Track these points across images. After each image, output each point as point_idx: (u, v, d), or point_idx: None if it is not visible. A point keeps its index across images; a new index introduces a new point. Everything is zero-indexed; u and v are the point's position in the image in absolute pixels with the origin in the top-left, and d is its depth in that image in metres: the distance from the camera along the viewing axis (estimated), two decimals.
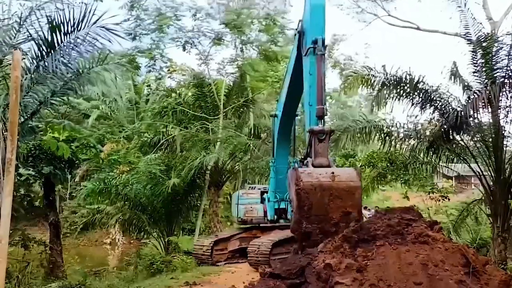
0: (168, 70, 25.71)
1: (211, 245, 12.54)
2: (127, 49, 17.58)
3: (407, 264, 6.76)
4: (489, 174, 12.57)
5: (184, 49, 19.50)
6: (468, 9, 13.18)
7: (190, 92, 22.69)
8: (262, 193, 13.35)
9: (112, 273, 16.20)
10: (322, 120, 7.22)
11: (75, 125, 12.48)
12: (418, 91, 13.30)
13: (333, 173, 6.94)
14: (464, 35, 13.01)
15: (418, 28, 22.63)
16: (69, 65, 8.21)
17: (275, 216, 12.66)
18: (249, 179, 19.61)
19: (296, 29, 8.48)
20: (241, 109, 20.71)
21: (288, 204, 12.67)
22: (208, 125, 17.86)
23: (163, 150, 18.43)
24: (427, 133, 13.96)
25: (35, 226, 19.30)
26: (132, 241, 24.15)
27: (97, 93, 22.81)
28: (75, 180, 21.18)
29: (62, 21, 8.22)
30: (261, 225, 13.00)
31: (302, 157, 7.59)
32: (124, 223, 17.11)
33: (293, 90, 10.06)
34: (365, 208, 28.56)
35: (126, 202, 15.91)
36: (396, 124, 14.37)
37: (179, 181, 14.88)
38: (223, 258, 12.57)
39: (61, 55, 8.09)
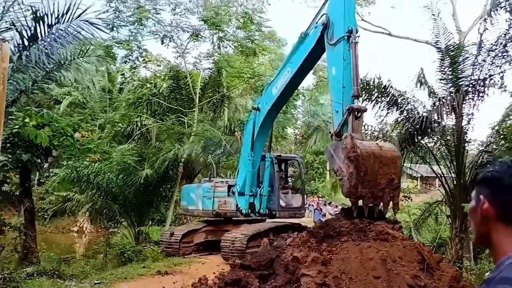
0: (143, 60, 25.54)
1: (179, 237, 12.37)
2: (104, 40, 17.45)
3: (368, 259, 7.29)
4: (450, 177, 13.16)
5: (162, 42, 19.51)
6: (441, 18, 13.88)
7: (166, 84, 22.75)
8: (229, 186, 13.06)
9: (81, 261, 16.18)
10: (357, 100, 7.99)
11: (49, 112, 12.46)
12: (385, 95, 13.92)
13: (377, 144, 7.82)
14: (434, 43, 13.63)
15: (389, 34, 23.39)
16: (51, 56, 8.26)
17: (249, 210, 12.66)
18: (221, 173, 19.90)
19: (315, 23, 9.23)
20: (217, 104, 20.97)
21: (261, 198, 12.92)
22: (184, 118, 17.99)
23: (137, 140, 18.48)
24: (394, 135, 14.58)
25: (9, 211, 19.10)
26: (99, 230, 24.05)
27: (70, 79, 22.49)
28: (44, 167, 20.91)
29: (46, 13, 8.28)
30: (233, 218, 12.91)
31: (332, 132, 8.07)
32: (95, 212, 17.11)
33: (295, 81, 10.93)
34: (330, 203, 29.45)
35: (97, 191, 15.93)
36: (365, 125, 14.94)
37: (152, 172, 15.02)
38: (189, 251, 12.41)
39: (44, 46, 8.15)
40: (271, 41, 25.94)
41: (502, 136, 9.90)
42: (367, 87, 14.27)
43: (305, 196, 17.14)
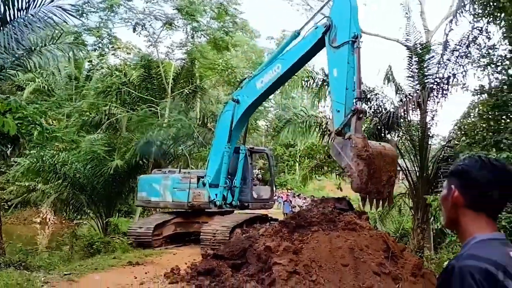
0: (113, 47, 25.00)
1: (152, 229, 11.95)
2: (74, 26, 17.00)
3: (337, 248, 7.59)
4: (414, 170, 13.66)
5: (134, 30, 19.17)
6: (410, 17, 14.31)
7: (136, 73, 22.38)
8: (198, 178, 12.72)
9: (45, 252, 15.86)
10: (361, 102, 8.52)
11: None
12: None
13: (380, 144, 8.57)
14: (405, 41, 14.04)
15: (361, 31, 23.70)
16: (21, 41, 8.04)
17: (223, 202, 12.52)
18: (192, 164, 19.86)
19: (317, 24, 9.74)
20: (189, 95, 20.85)
21: (233, 190, 12.94)
22: (156, 108, 17.81)
23: (106, 130, 18.16)
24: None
25: None
26: (64, 222, 23.50)
27: (35, 65, 21.74)
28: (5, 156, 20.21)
29: None
30: (206, 210, 12.73)
31: (332, 130, 8.69)
32: (60, 203, 16.76)
33: (284, 78, 11.20)
34: (299, 196, 29.94)
35: (64, 181, 15.58)
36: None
37: (123, 163, 14.84)
38: (158, 244, 12.09)
39: (14, 31, 7.91)
40: (244, 32, 25.89)
41: (463, 132, 10.39)
42: None
43: (274, 188, 17.44)
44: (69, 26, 15.60)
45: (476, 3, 9.71)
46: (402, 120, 13.45)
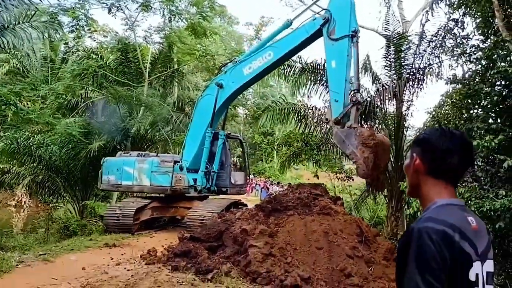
0: (89, 29, 24.47)
1: (133, 213, 11.66)
2: (49, 6, 16.56)
3: (311, 231, 7.79)
4: (389, 160, 13.98)
5: (109, 11, 18.78)
6: (390, 6, 14.49)
7: (113, 56, 22.01)
8: (175, 162, 12.41)
9: (21, 234, 15.65)
10: (359, 93, 9.09)
11: None
12: None
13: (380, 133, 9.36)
14: (384, 30, 14.22)
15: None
16: None
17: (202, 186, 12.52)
18: (170, 150, 19.77)
19: (315, 15, 10.09)
20: (167, 80, 20.66)
21: (212, 175, 12.97)
22: (132, 91, 17.60)
23: (82, 113, 17.88)
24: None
25: None
26: (39, 205, 23.15)
27: (8, 46, 21.16)
28: None
29: None
30: (186, 195, 12.56)
31: (330, 119, 9.08)
32: (36, 186, 16.51)
33: (274, 65, 11.48)
34: (277, 183, 30.23)
35: (39, 164, 15.35)
36: (312, 108, 15.47)
37: (101, 144, 14.65)
38: (135, 228, 11.81)
39: None
40: (223, 17, 25.71)
41: (436, 121, 10.71)
42: (316, 70, 14.80)
43: (248, 173, 17.53)
44: (45, 6, 15.21)
45: None
46: (378, 109, 13.69)
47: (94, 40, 26.86)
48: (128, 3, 19.00)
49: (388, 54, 13.92)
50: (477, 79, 8.16)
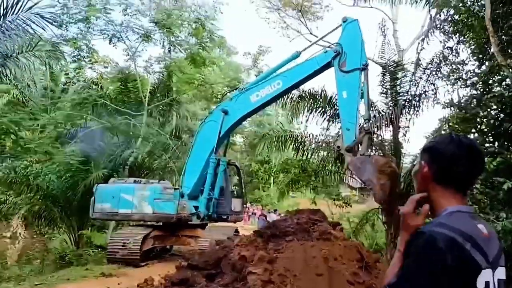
0: (90, 60, 24.90)
1: (139, 244, 11.11)
2: (52, 36, 16.91)
3: (311, 257, 7.66)
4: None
5: (110, 41, 19.14)
6: (386, 35, 14.82)
7: (113, 86, 22.30)
8: (175, 189, 12.18)
9: (15, 266, 15.39)
10: (368, 122, 9.47)
11: None
12: (330, 106, 14.62)
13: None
14: (380, 58, 14.50)
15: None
16: None
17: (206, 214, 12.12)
18: (167, 178, 19.71)
19: (327, 48, 10.55)
20: (165, 108, 20.86)
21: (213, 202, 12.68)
22: (131, 120, 17.72)
23: (81, 142, 17.92)
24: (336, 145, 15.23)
25: None
26: (35, 236, 22.88)
27: (8, 77, 21.38)
28: None
29: None
30: (189, 223, 12.01)
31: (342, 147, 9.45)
32: (32, 215, 16.36)
33: (282, 94, 11.81)
34: (275, 211, 30.00)
35: (36, 193, 15.26)
36: (309, 135, 15.57)
37: (99, 172, 14.60)
38: (141, 259, 11.26)
39: None
40: (221, 48, 26.21)
41: None
42: (313, 98, 14.97)
43: (245, 200, 17.29)
44: (47, 37, 15.50)
45: (447, 22, 10.19)
46: (374, 136, 13.77)
47: (95, 71, 27.29)
48: (129, 34, 19.40)
49: (384, 81, 14.12)
50: (473, 104, 8.26)
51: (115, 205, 12.04)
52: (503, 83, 7.90)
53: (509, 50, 8.94)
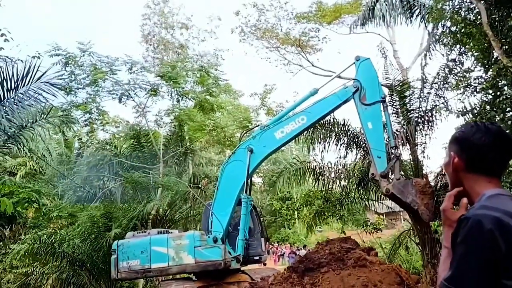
0: (101, 122, 25.52)
1: None
2: (62, 103, 17.44)
3: (350, 286, 7.42)
4: None
5: (120, 101, 19.63)
6: (387, 56, 15.00)
7: (126, 144, 22.66)
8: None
9: None
10: (396, 149, 10.47)
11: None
12: (345, 134, 14.62)
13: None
14: (384, 79, 14.59)
15: (339, 77, 24.66)
16: (13, 119, 8.24)
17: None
18: (190, 227, 19.61)
19: (346, 84, 11.29)
20: (181, 158, 21.03)
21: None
22: (149, 173, 17.88)
23: (101, 202, 18.05)
24: (356, 172, 15.11)
25: None
26: None
27: (24, 150, 21.94)
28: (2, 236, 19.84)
29: (5, 78, 8.33)
30: (231, 268, 11.28)
31: (376, 174, 10.27)
32: (61, 283, 16.25)
33: (306, 129, 12.27)
34: (304, 247, 29.40)
35: (63, 260, 15.24)
36: (328, 164, 15.46)
37: (121, 230, 14.59)
38: None
39: (5, 111, 8.14)
40: (227, 93, 26.71)
41: None
42: (327, 127, 14.97)
43: (267, 239, 16.90)
44: (58, 104, 16.02)
45: (445, 35, 10.29)
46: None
47: (107, 132, 27.83)
48: (137, 91, 19.89)
49: (393, 101, 14.15)
50: (487, 108, 8.20)
51: (145, 261, 11.31)
52: None
53: None
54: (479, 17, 9.08)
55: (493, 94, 8.52)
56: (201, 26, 39.37)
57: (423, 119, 13.66)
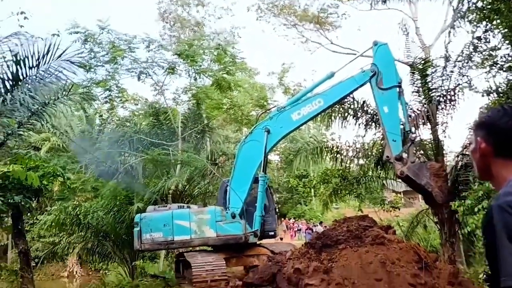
0: (120, 100, 25.80)
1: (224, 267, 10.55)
2: (82, 80, 17.69)
3: (367, 263, 7.56)
4: None
5: (139, 79, 19.78)
6: (408, 33, 14.67)
7: (145, 121, 22.97)
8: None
9: None
10: (411, 133, 10.93)
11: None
12: (365, 113, 14.49)
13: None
14: (406, 57, 14.33)
15: (361, 55, 24.23)
16: (36, 96, 8.44)
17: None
18: (209, 202, 19.95)
19: (364, 68, 11.59)
20: (198, 135, 21.24)
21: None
22: (168, 149, 18.16)
23: (122, 178, 18.46)
24: (374, 151, 15.03)
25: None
26: (90, 273, 23.58)
27: (47, 126, 22.39)
28: (28, 214, 20.57)
29: (27, 55, 8.49)
30: (249, 242, 11.75)
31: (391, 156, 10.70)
32: (87, 253, 16.90)
33: (324, 110, 12.57)
34: (321, 223, 29.62)
35: (87, 231, 15.81)
36: (346, 143, 15.42)
37: (142, 205, 14.97)
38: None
39: (28, 88, 8.34)
40: (243, 71, 26.56)
41: None
42: (344, 107, 14.86)
43: (278, 216, 17.57)
44: (79, 81, 16.23)
45: (471, 11, 10.03)
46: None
47: (126, 109, 28.16)
48: (155, 69, 19.98)
49: (414, 80, 13.89)
50: None
51: (168, 233, 11.74)
52: None
53: None
54: None
55: None
56: (217, 3, 39.09)
57: (445, 98, 13.39)
